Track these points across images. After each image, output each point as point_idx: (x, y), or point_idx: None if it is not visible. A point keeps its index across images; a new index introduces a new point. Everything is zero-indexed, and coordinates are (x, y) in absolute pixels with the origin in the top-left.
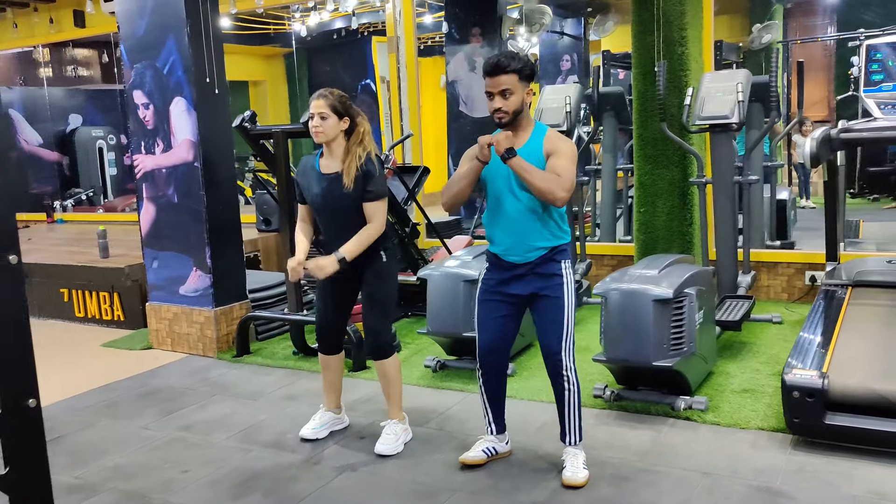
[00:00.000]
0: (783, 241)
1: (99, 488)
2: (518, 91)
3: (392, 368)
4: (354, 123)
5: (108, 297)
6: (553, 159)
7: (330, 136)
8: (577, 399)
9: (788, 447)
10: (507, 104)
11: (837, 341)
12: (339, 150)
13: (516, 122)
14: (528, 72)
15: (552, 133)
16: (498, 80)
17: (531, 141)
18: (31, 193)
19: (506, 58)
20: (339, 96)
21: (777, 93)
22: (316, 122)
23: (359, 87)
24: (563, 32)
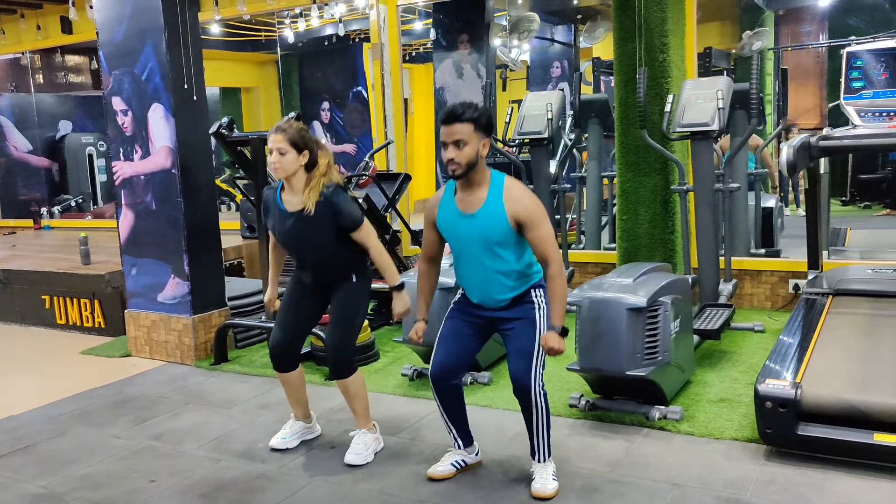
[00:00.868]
0: (769, 249)
1: (65, 498)
2: (472, 142)
3: (354, 385)
4: (315, 156)
5: (88, 304)
6: (529, 232)
7: (289, 171)
8: (546, 420)
9: (762, 458)
10: (459, 155)
11: (814, 351)
12: (300, 185)
13: (470, 175)
14: (484, 122)
15: (510, 185)
16: (452, 129)
17: (490, 200)
18: (20, 200)
19: (462, 106)
20: (299, 129)
21: (758, 100)
22: (274, 157)
23: (350, 94)
24: (553, 39)
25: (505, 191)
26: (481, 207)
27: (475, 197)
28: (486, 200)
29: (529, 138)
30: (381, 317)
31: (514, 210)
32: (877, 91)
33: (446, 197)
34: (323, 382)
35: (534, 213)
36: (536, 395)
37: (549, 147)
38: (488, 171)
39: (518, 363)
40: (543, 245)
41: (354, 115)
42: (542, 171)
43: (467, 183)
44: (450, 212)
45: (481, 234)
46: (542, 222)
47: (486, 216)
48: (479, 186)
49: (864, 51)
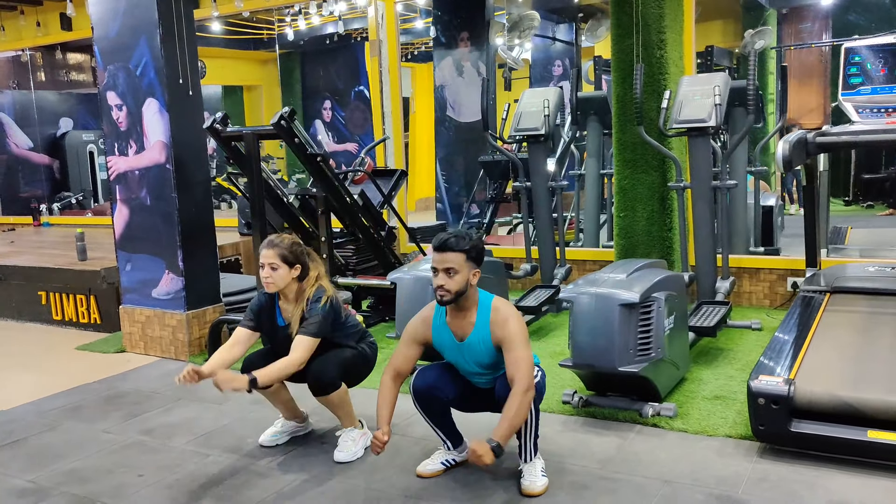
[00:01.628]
0: (768, 247)
1: (51, 492)
2: (463, 271)
3: (337, 398)
4: (307, 270)
5: (84, 299)
6: (507, 353)
7: (280, 286)
8: (535, 424)
9: (754, 455)
10: (449, 283)
11: (808, 348)
12: (292, 294)
13: (459, 302)
14: (474, 254)
15: (497, 308)
16: (444, 258)
17: (478, 326)
18: (21, 197)
19: (455, 238)
20: (290, 244)
21: (755, 96)
22: (266, 272)
23: (352, 92)
24: (554, 38)
25: (492, 314)
26: (471, 334)
27: (465, 321)
28: (475, 326)
29: (526, 135)
30: (377, 314)
31: (498, 335)
32: (875, 87)
33: (438, 322)
34: None
35: (514, 335)
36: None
37: (546, 144)
38: (477, 294)
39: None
40: (516, 366)
41: (356, 114)
42: (539, 169)
43: (457, 308)
44: (446, 337)
45: (474, 360)
46: (520, 345)
47: (476, 342)
48: (468, 312)
49: (862, 46)
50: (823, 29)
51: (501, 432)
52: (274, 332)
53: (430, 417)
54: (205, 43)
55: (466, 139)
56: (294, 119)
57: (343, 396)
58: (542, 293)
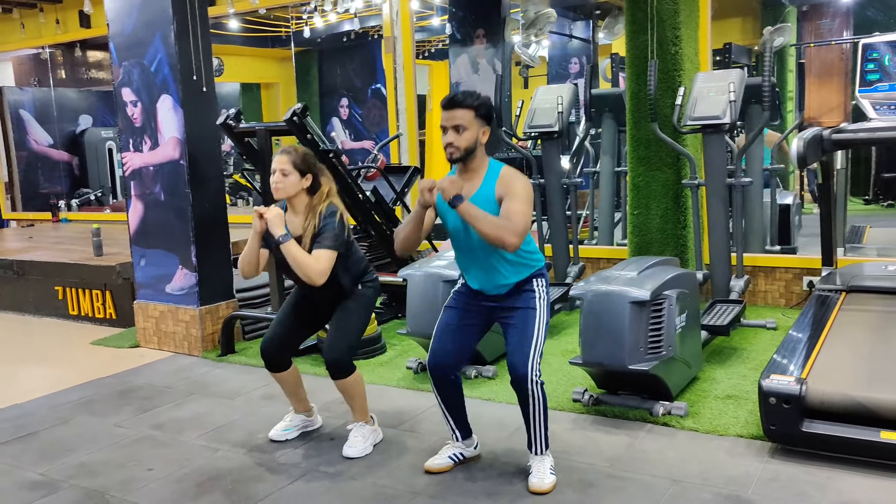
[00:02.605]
0: (785, 246)
1: (61, 485)
2: (472, 128)
3: (351, 384)
4: (318, 182)
5: (100, 294)
6: (506, 202)
7: (290, 192)
8: (543, 411)
9: (765, 455)
10: (458, 139)
11: (822, 347)
12: (301, 207)
13: (468, 161)
14: (484, 111)
15: (506, 172)
16: (452, 114)
17: (484, 184)
18: (41, 193)
19: (463, 93)
20: (304, 153)
21: (771, 93)
22: (277, 177)
23: (369, 90)
24: (571, 35)
25: (500, 177)
26: (476, 193)
27: (472, 184)
28: (481, 186)
29: (540, 132)
30: (390, 310)
31: (502, 190)
32: (893, 83)
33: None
34: (325, 374)
35: (517, 190)
36: (533, 384)
37: (559, 141)
38: (487, 160)
39: (515, 352)
40: (507, 214)
41: (373, 112)
42: (553, 166)
43: (465, 169)
44: None
45: None
46: (521, 200)
47: (481, 200)
48: (475, 174)
49: (879, 43)
50: (844, 26)
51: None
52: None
53: (442, 398)
54: (222, 40)
55: None
56: (307, 115)
57: (359, 381)
58: (554, 291)
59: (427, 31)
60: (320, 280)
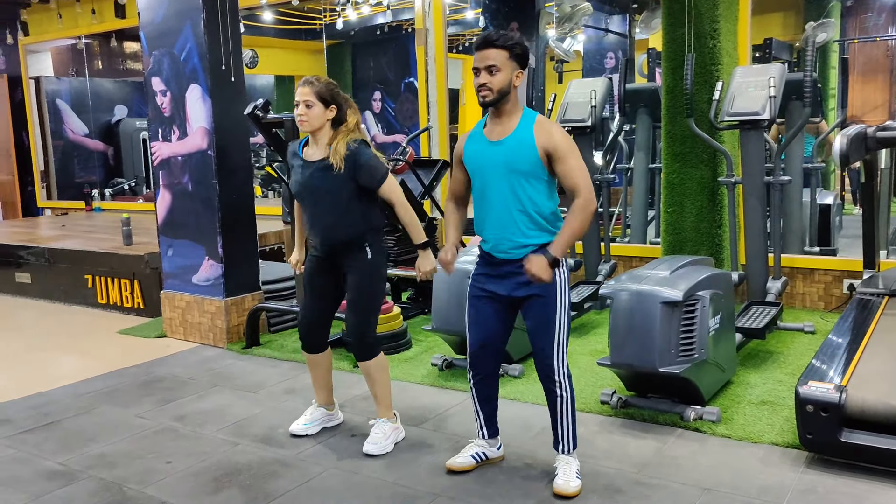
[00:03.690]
0: (824, 247)
1: (79, 476)
2: (506, 69)
3: (377, 369)
4: (343, 113)
5: (128, 284)
6: (559, 165)
7: (315, 125)
8: (571, 406)
9: (801, 465)
10: (492, 81)
11: (863, 353)
12: (325, 140)
13: (502, 104)
14: (518, 51)
15: (542, 119)
16: (486, 54)
17: (520, 127)
18: (76, 182)
19: (497, 33)
20: (327, 83)
21: (812, 87)
22: (301, 110)
23: (402, 84)
24: (607, 29)
25: (536, 123)
26: (510, 135)
27: (505, 126)
28: (516, 128)
29: (572, 126)
30: (416, 306)
31: (544, 140)
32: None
33: (475, 130)
34: (351, 369)
35: (564, 143)
36: (560, 375)
37: (592, 136)
38: (521, 106)
39: (540, 340)
40: (573, 175)
41: (406, 106)
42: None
43: (497, 113)
44: (477, 142)
45: (507, 161)
46: (572, 154)
47: (515, 143)
48: (509, 117)
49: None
50: (890, 22)
51: (558, 242)
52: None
53: (477, 389)
54: (257, 32)
55: None
56: None
57: (383, 366)
58: (585, 289)
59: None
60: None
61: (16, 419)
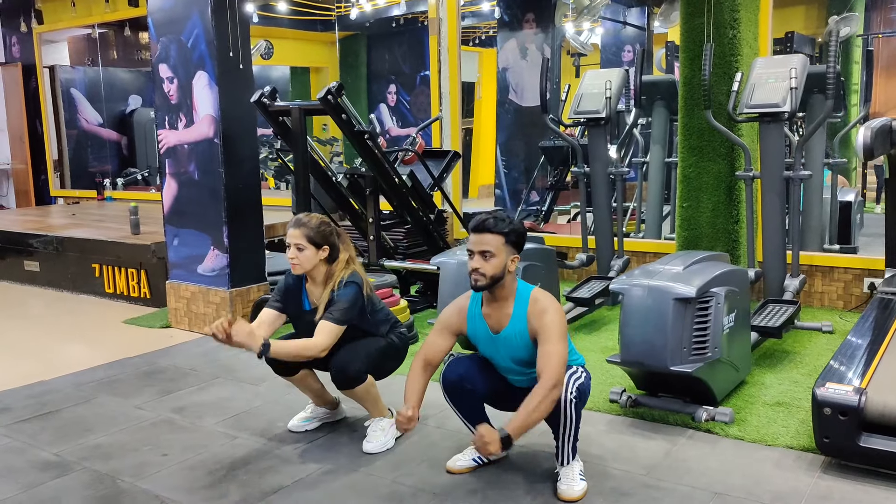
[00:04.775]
0: (845, 245)
1: (73, 467)
2: (500, 255)
3: (361, 391)
4: (336, 251)
5: (135, 273)
6: (540, 345)
7: (307, 267)
8: (575, 427)
9: (817, 470)
10: (485, 266)
11: (884, 355)
12: (321, 277)
13: (496, 289)
14: (514, 238)
15: (536, 298)
16: (481, 239)
17: (515, 316)
18: (90, 171)
19: (494, 219)
20: (318, 224)
21: (835, 80)
22: (292, 253)
23: (417, 77)
24: (625, 22)
25: (530, 305)
26: (507, 326)
27: (502, 312)
28: (511, 318)
29: (586, 118)
30: (424, 299)
31: (533, 326)
32: None
33: (473, 311)
34: None
35: (549, 326)
36: (567, 402)
37: (606, 128)
38: (516, 284)
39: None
40: (546, 360)
41: (421, 99)
42: (599, 154)
43: (492, 297)
44: (480, 329)
45: (510, 355)
46: (555, 338)
47: (513, 336)
48: (505, 301)
49: None
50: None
51: (515, 425)
52: (299, 315)
53: (460, 411)
54: (272, 23)
55: (528, 124)
56: (342, 94)
57: (369, 389)
58: (596, 285)
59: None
60: (322, 354)
61: (14, 408)
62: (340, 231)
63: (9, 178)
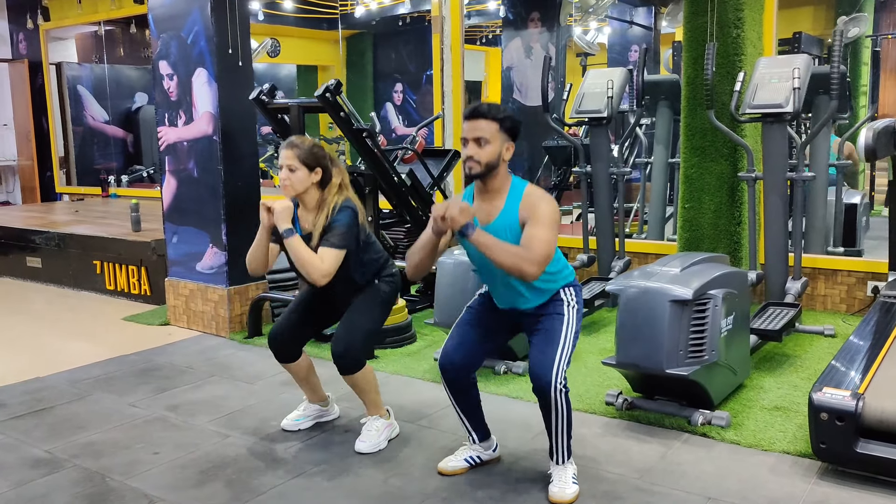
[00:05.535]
0: (849, 248)
1: (64, 464)
2: (495, 142)
3: (362, 379)
4: (329, 174)
5: (136, 270)
6: (528, 227)
7: (298, 189)
8: (567, 421)
9: (813, 476)
10: (479, 153)
11: (884, 359)
12: (312, 202)
13: (489, 179)
14: (509, 125)
15: (531, 192)
16: (475, 125)
17: (507, 208)
18: (95, 168)
19: (488, 105)
20: (311, 146)
21: (840, 81)
22: (284, 174)
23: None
24: (632, 21)
25: (523, 198)
26: (497, 218)
27: (493, 205)
28: (502, 210)
29: (588, 118)
30: (424, 299)
31: (526, 211)
32: None
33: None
34: None
35: (540, 214)
36: (556, 392)
37: (608, 128)
38: (510, 179)
39: (539, 357)
40: (529, 242)
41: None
42: (601, 154)
43: (485, 189)
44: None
45: None
46: (544, 225)
47: (502, 227)
48: (497, 194)
49: None
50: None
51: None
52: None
53: (454, 398)
54: (279, 21)
55: (531, 123)
56: (340, 92)
57: (369, 378)
58: (596, 286)
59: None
60: (323, 281)
61: (9, 404)
62: (334, 156)
63: (15, 174)
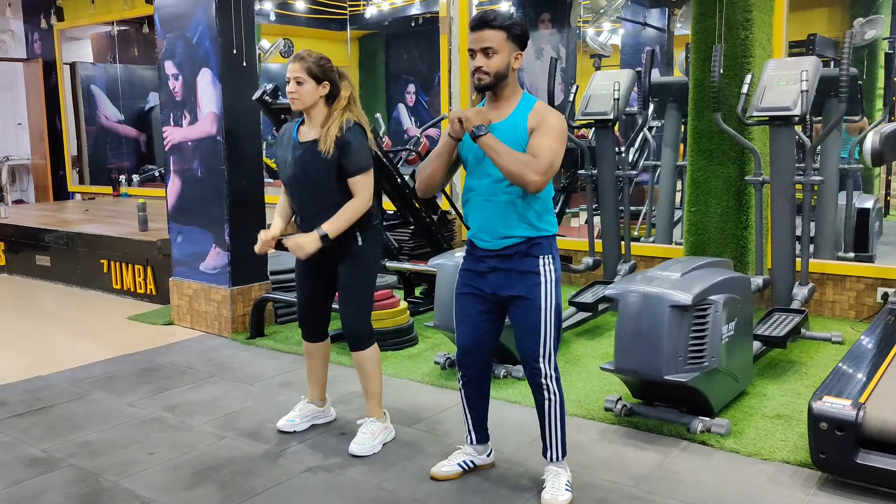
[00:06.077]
0: (860, 254)
1: (59, 464)
2: (503, 51)
3: (369, 361)
4: (337, 88)
5: (141, 270)
6: (534, 137)
7: (307, 102)
8: (560, 410)
9: (813, 486)
10: (488, 64)
11: (888, 368)
12: (320, 118)
13: (499, 89)
14: (517, 32)
15: (541, 105)
16: (482, 35)
17: (515, 114)
18: (108, 168)
19: (493, 12)
20: (318, 58)
21: (849, 83)
22: (292, 87)
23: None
24: (645, 23)
25: (534, 108)
26: (504, 120)
27: (501, 111)
28: (511, 113)
29: (594, 119)
30: (427, 301)
31: (535, 122)
32: None
33: None
34: (350, 365)
35: (551, 125)
36: (548, 377)
37: (614, 130)
38: (520, 90)
39: (526, 342)
40: (538, 150)
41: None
42: (607, 156)
43: (495, 98)
44: None
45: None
46: (551, 134)
47: (507, 127)
48: (507, 103)
49: None
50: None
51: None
52: (286, 157)
53: (466, 390)
54: (292, 21)
55: None
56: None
57: (375, 359)
58: (601, 289)
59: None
60: (369, 205)
61: (10, 402)
62: (342, 71)
63: (29, 173)
